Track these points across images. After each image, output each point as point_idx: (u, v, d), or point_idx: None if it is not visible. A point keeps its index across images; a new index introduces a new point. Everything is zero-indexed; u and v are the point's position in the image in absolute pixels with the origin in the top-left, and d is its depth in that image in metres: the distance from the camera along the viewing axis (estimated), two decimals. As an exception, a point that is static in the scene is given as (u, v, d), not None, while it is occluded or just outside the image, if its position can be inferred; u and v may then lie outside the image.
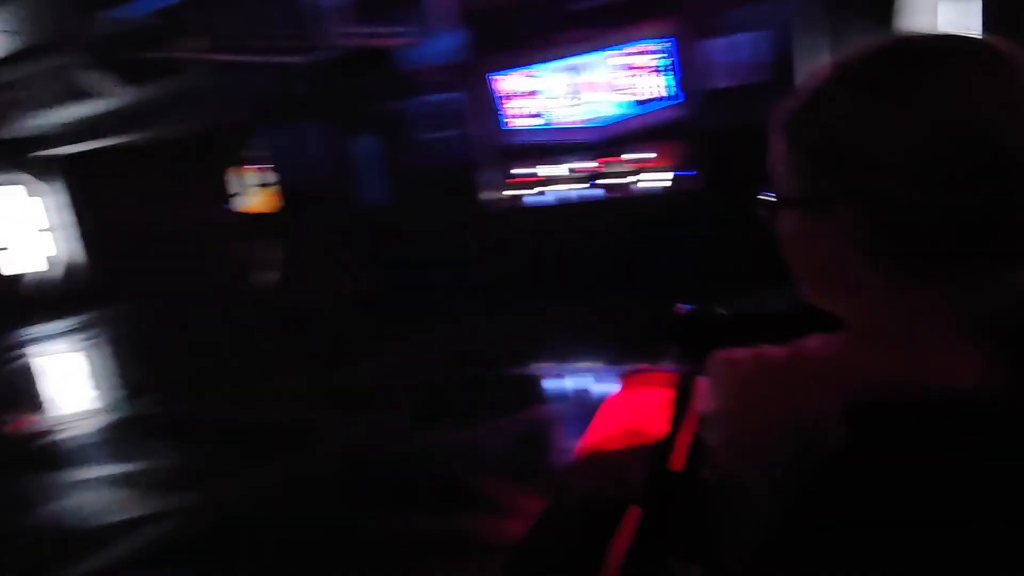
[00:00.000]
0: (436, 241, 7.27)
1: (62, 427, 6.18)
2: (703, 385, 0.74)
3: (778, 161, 0.68)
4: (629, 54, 6.70)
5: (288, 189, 8.58)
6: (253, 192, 12.22)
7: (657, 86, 6.72)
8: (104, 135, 10.12)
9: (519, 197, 7.56)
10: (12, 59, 7.63)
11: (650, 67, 6.68)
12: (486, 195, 7.48)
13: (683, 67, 6.54)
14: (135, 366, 8.22)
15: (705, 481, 0.74)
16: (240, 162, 12.22)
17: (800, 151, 0.64)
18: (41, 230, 10.86)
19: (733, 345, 0.72)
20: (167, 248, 12.39)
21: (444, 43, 6.93)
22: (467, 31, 6.79)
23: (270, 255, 11.25)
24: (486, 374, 5.48)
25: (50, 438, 5.89)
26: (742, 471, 0.65)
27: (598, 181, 7.22)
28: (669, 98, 6.71)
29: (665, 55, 6.59)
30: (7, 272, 10.35)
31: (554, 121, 7.24)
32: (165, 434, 5.25)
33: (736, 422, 0.67)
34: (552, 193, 7.51)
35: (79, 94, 8.81)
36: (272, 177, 11.97)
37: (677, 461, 0.87)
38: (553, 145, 7.23)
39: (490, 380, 5.35)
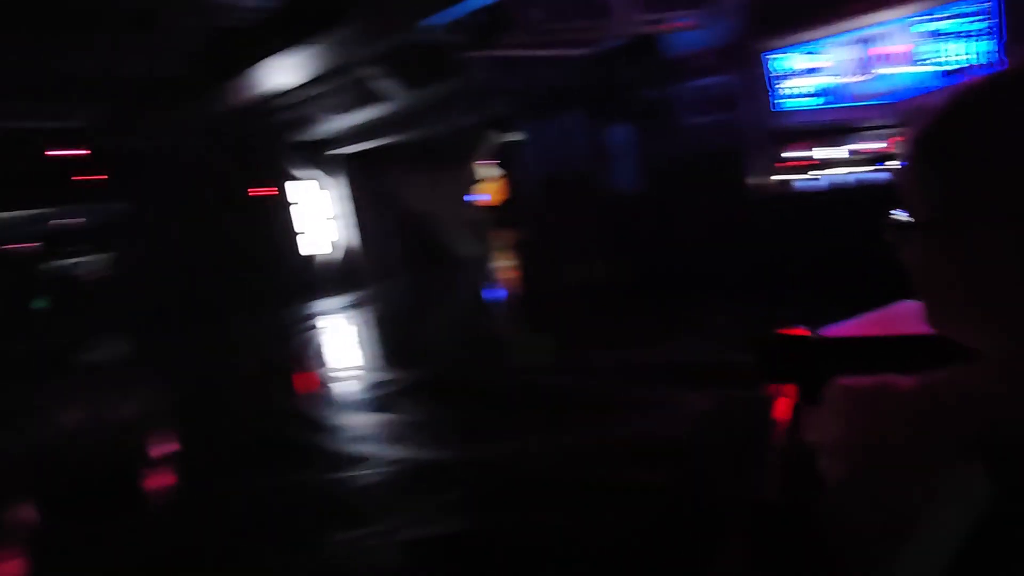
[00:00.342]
0: (699, 227, 7.18)
1: (339, 383, 7.18)
2: (818, 413, 0.69)
3: (914, 181, 0.63)
4: (938, 19, 6.03)
5: (545, 179, 9.01)
6: (491, 184, 13.12)
7: (971, 53, 5.97)
8: (382, 135, 11.51)
9: (790, 182, 7.19)
10: (323, 77, 8.93)
11: (964, 32, 5.95)
12: (754, 180, 7.22)
13: (1008, 30, 5.73)
14: (402, 335, 9.24)
15: (809, 513, 0.68)
16: (484, 156, 13.18)
17: (946, 171, 0.60)
18: (328, 218, 12.67)
19: (843, 372, 0.67)
20: (425, 234, 13.78)
21: (717, 26, 6.81)
22: (746, 12, 6.61)
23: (506, 242, 11.98)
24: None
25: (329, 392, 6.87)
26: (864, 506, 0.60)
27: (886, 163, 6.61)
28: (985, 67, 5.91)
29: (984, 17, 5.82)
30: (305, 253, 12.25)
31: (838, 99, 6.77)
32: (433, 394, 5.79)
33: (862, 455, 0.62)
34: (827, 177, 7.03)
35: (370, 99, 10.12)
36: (502, 171, 12.78)
37: (772, 487, 0.81)
38: (835, 125, 6.76)
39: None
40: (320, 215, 12.57)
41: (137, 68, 7.29)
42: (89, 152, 10.08)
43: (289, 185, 12.07)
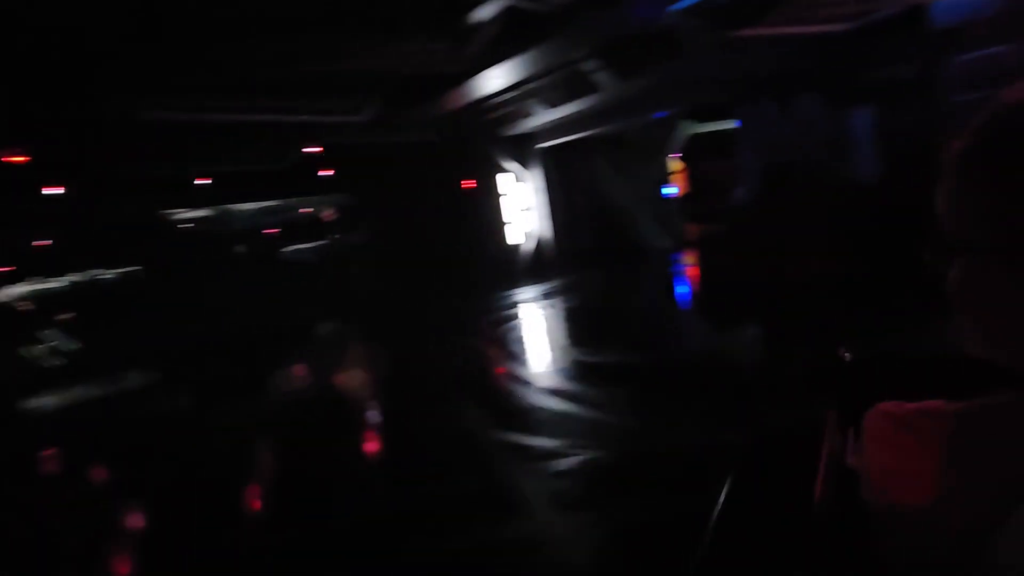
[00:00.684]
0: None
1: (533, 365, 7.35)
2: (863, 438, 0.65)
3: (958, 201, 0.60)
4: None
5: (767, 167, 8.64)
6: (677, 176, 12.84)
7: None
8: (583, 128, 11.70)
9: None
10: (541, 75, 9.19)
11: None
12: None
13: None
14: (597, 324, 9.30)
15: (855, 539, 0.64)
16: (679, 148, 12.93)
17: (994, 192, 0.56)
18: (524, 210, 13.12)
19: (885, 395, 0.64)
20: (617, 226, 13.83)
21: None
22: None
23: (697, 234, 11.65)
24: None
25: (524, 373, 7.06)
26: (911, 537, 0.57)
27: None
28: None
29: None
30: (511, 242, 12.82)
31: None
32: (626, 380, 5.86)
33: (903, 482, 0.59)
34: None
35: (581, 92, 10.29)
36: (691, 162, 12.43)
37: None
38: None
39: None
40: (517, 207, 13.04)
41: (400, 67, 7.80)
42: (323, 148, 11.22)
43: (498, 177, 12.64)
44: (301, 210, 12.57)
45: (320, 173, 11.50)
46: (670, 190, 13.11)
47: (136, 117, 6.83)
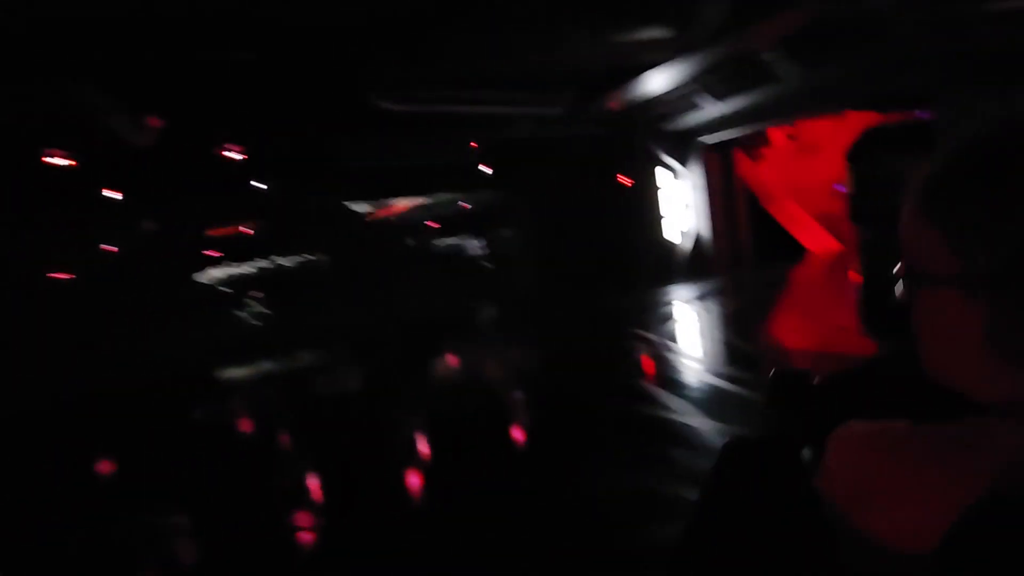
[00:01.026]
0: None
1: (685, 364, 7.15)
2: (827, 458, 0.65)
3: (922, 233, 0.61)
4: None
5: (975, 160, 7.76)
6: (844, 173, 11.85)
7: None
8: (752, 122, 11.16)
9: None
10: (714, 68, 8.85)
11: None
12: None
13: None
14: (755, 326, 8.85)
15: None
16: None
17: (958, 226, 0.58)
18: (682, 207, 12.79)
19: (848, 415, 0.65)
20: (776, 225, 13.17)
21: None
22: None
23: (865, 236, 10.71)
24: None
25: (674, 371, 6.87)
26: (868, 558, 0.58)
27: None
28: None
29: None
30: (666, 240, 12.59)
31: None
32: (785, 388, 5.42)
33: (866, 504, 0.59)
34: None
35: (755, 84, 9.82)
36: (850, 159, 11.38)
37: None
38: None
39: None
40: (676, 203, 12.75)
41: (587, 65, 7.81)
42: (487, 142, 11.57)
43: (657, 173, 12.44)
44: (461, 203, 13.05)
45: (481, 168, 11.88)
46: (842, 188, 12.22)
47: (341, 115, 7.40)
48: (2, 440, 6.81)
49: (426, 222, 12.86)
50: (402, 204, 12.61)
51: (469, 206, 13.01)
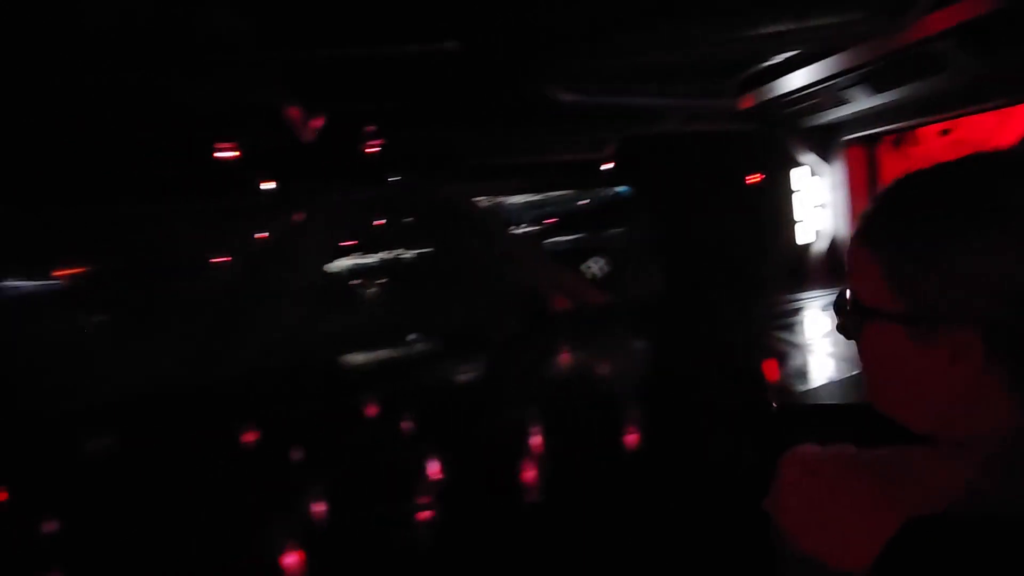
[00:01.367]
0: None
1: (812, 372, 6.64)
2: (776, 481, 0.67)
3: (868, 270, 0.66)
4: None
5: None
6: None
7: None
8: (908, 117, 10.37)
9: None
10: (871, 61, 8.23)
11: None
12: None
13: None
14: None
15: None
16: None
17: (901, 265, 0.62)
18: (818, 207, 12.08)
19: (803, 440, 0.67)
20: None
21: None
22: None
23: None
24: None
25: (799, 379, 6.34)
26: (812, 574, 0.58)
27: None
28: None
29: None
30: (801, 241, 11.96)
31: None
32: None
33: (811, 526, 0.61)
34: None
35: (913, 76, 9.10)
36: None
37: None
38: None
39: None
40: (812, 203, 12.07)
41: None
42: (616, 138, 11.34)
43: (794, 171, 11.85)
44: (579, 202, 12.90)
45: (607, 165, 11.68)
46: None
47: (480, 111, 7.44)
48: (168, 410, 7.34)
49: (546, 219, 12.81)
50: (521, 199, 12.62)
51: (588, 202, 12.85)
